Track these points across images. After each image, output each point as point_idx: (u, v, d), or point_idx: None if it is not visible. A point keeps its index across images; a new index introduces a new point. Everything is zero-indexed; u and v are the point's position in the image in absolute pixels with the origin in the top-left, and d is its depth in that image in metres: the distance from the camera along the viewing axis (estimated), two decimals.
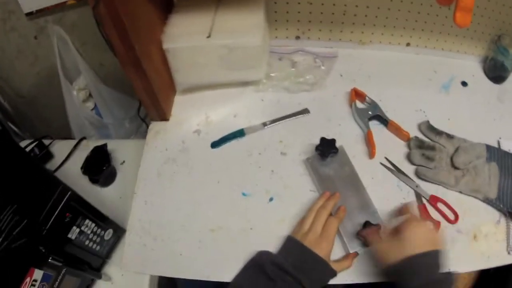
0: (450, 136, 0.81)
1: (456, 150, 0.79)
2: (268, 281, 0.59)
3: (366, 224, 0.68)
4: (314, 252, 0.61)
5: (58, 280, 0.73)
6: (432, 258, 0.56)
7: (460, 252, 0.61)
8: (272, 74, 0.88)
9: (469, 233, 0.71)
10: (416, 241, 0.57)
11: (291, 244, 0.65)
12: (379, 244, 0.62)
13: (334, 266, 0.63)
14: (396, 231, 0.61)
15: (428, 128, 0.83)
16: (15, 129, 1.47)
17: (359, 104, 0.86)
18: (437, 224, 0.72)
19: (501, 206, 0.73)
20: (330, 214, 0.68)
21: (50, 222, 0.68)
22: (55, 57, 1.21)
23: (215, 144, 0.83)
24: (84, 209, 0.75)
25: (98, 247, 0.82)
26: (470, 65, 0.96)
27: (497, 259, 0.69)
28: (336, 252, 0.68)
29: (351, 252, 0.67)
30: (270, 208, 0.75)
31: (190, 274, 0.70)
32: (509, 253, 0.69)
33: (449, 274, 0.56)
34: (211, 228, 0.74)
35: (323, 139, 0.75)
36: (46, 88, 1.39)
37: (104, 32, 0.68)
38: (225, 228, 0.73)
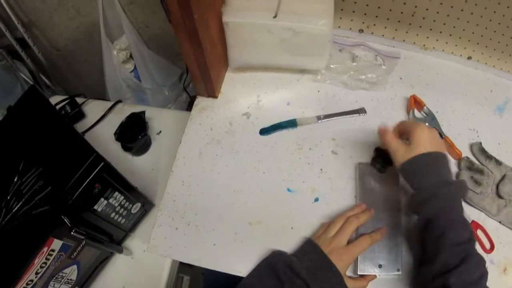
0: (499, 162, 0.68)
1: (503, 178, 0.66)
2: (277, 282, 0.50)
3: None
4: (332, 261, 0.51)
5: (77, 251, 0.59)
6: (434, 158, 0.51)
7: (488, 284, 0.49)
8: (332, 66, 0.71)
9: (500, 265, 0.59)
10: (421, 143, 0.52)
11: (310, 248, 0.54)
12: (391, 144, 0.55)
13: (348, 283, 0.51)
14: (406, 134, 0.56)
15: (480, 150, 0.69)
16: (47, 81, 1.28)
17: (417, 113, 0.70)
18: None
19: None
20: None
21: (77, 193, 0.52)
22: (98, 14, 1.02)
23: (264, 131, 0.66)
24: (115, 182, 0.59)
25: (123, 220, 0.67)
26: None
27: None
28: None
29: (359, 273, 0.54)
30: (315, 209, 0.60)
31: (222, 266, 0.57)
32: None
33: (461, 182, 0.53)
34: (250, 221, 0.59)
35: (379, 150, 0.60)
36: (85, 44, 1.20)
37: None
38: (265, 223, 0.59)
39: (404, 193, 0.61)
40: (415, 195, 0.51)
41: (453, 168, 0.67)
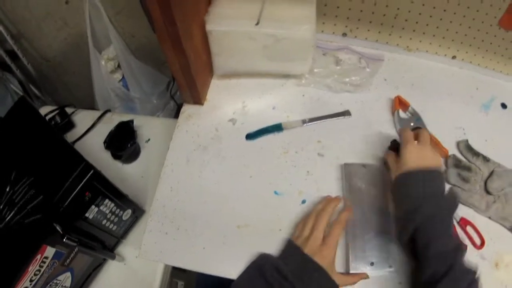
0: (486, 159, 0.71)
1: (491, 174, 0.69)
2: (266, 284, 0.52)
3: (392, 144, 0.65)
4: (315, 260, 0.53)
5: (70, 258, 0.62)
6: (421, 174, 0.55)
7: (481, 279, 0.52)
8: (316, 70, 0.75)
9: (491, 261, 0.62)
10: (408, 160, 0.56)
11: (291, 250, 0.57)
12: (388, 160, 0.61)
13: (337, 278, 0.54)
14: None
15: (467, 147, 0.72)
16: (37, 92, 1.32)
17: (402, 114, 0.74)
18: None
19: None
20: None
21: (68, 201, 0.56)
22: (85, 24, 1.07)
23: (250, 136, 0.70)
24: (105, 189, 0.63)
25: (114, 227, 0.71)
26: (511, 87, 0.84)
27: None
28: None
29: (351, 271, 0.57)
30: (302, 211, 0.64)
31: (212, 269, 0.60)
32: None
33: (451, 195, 0.55)
34: (238, 225, 0.63)
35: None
36: (73, 55, 1.25)
37: (146, 5, 0.54)
38: (253, 226, 0.63)
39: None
40: (402, 207, 0.54)
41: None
